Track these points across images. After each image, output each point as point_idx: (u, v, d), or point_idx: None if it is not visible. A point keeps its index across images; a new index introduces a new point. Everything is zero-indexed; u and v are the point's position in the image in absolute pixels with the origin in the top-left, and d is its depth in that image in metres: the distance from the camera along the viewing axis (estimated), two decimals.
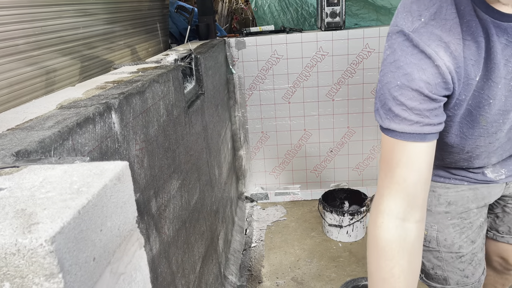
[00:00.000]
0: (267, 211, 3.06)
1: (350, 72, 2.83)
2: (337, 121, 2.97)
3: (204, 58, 1.96)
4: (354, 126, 2.98)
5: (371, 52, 2.77)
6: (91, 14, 1.70)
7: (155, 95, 1.20)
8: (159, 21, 2.51)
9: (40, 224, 0.38)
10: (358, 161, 3.07)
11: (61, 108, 0.87)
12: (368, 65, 2.80)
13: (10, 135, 0.70)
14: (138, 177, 1.03)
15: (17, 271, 0.37)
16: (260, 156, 3.10)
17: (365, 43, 2.75)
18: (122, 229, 0.50)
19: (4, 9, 1.20)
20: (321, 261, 2.42)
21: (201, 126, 1.80)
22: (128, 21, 2.06)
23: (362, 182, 3.11)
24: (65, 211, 0.40)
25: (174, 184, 1.32)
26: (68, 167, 0.51)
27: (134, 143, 1.02)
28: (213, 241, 1.89)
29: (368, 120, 2.94)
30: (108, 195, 0.47)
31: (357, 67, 2.81)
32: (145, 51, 2.29)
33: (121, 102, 0.95)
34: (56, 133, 0.69)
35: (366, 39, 2.74)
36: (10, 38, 1.23)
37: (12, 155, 0.58)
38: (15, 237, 0.37)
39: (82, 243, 0.41)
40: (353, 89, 2.88)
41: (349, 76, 2.84)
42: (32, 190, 0.46)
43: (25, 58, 1.30)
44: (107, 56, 1.85)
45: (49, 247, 0.36)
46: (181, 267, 1.33)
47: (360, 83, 2.85)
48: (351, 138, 3.01)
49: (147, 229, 1.05)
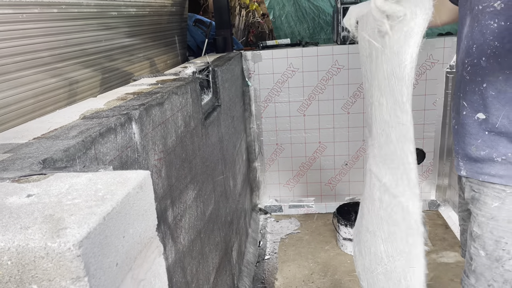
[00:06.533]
0: (281, 223, 3.05)
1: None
2: (352, 134, 2.96)
3: (221, 71, 2.00)
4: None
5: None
6: (113, 28, 1.76)
7: (174, 106, 1.22)
8: (177, 34, 2.57)
9: (68, 229, 0.40)
10: None
11: (84, 118, 0.90)
12: None
13: (36, 143, 0.72)
14: (156, 186, 1.04)
15: (45, 274, 0.39)
16: (274, 168, 3.10)
17: None
18: (143, 236, 0.52)
19: (31, 23, 1.25)
20: (335, 275, 2.39)
21: (217, 138, 1.82)
22: (147, 35, 2.11)
23: None
24: (91, 217, 0.42)
25: (190, 194, 1.34)
26: (92, 175, 0.53)
27: (153, 153, 1.04)
28: (227, 252, 1.90)
29: None
30: (131, 203, 0.49)
31: None
32: (163, 64, 2.34)
33: (141, 113, 0.97)
34: (80, 142, 0.72)
35: None
36: (36, 51, 1.28)
37: (39, 162, 0.61)
38: (44, 241, 0.38)
39: (106, 248, 0.42)
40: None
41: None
42: (59, 197, 0.48)
43: (49, 70, 1.34)
44: (127, 68, 1.90)
45: (77, 251, 0.37)
46: (195, 277, 1.34)
47: None
48: (367, 152, 2.99)
49: (163, 238, 1.07)
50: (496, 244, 1.11)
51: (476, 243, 1.16)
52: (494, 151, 1.08)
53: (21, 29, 1.21)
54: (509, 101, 1.04)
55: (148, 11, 2.06)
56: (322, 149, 3.03)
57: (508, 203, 1.07)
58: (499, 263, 1.12)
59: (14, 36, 1.18)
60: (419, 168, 2.92)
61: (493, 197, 1.10)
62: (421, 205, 0.88)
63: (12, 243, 0.39)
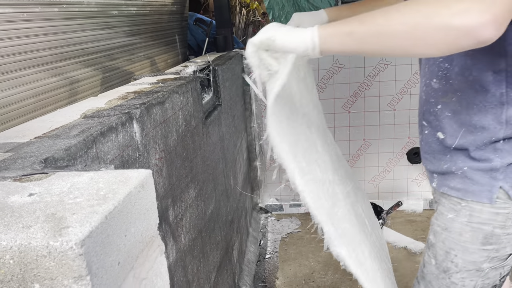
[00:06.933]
0: (282, 222, 3.05)
1: (367, 84, 2.83)
2: (353, 133, 2.96)
3: (221, 70, 2.00)
4: (370, 139, 2.96)
5: (387, 64, 2.76)
6: (113, 27, 1.75)
7: (175, 105, 1.22)
8: (178, 33, 2.56)
9: (70, 228, 0.40)
10: (374, 174, 3.05)
11: (85, 117, 0.90)
12: (385, 78, 2.80)
13: (37, 142, 0.72)
14: (157, 185, 1.05)
15: (47, 273, 0.39)
16: (275, 167, 3.10)
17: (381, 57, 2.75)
18: (145, 235, 0.52)
19: (31, 22, 1.25)
20: (336, 273, 2.39)
21: (218, 137, 1.82)
22: (148, 34, 2.11)
23: (378, 195, 3.08)
24: (93, 216, 0.42)
25: (191, 194, 1.34)
26: (94, 174, 0.53)
27: (154, 152, 1.04)
28: (228, 251, 1.90)
29: (384, 133, 2.93)
30: (132, 202, 0.49)
31: (373, 79, 2.81)
32: (164, 63, 2.34)
33: (142, 112, 0.97)
34: (81, 141, 0.72)
35: None
36: (36, 50, 1.28)
37: (40, 162, 0.61)
38: (46, 240, 0.38)
39: (109, 247, 0.42)
40: (369, 102, 2.87)
41: (366, 88, 2.84)
42: (61, 196, 0.48)
43: (50, 69, 1.34)
44: (127, 67, 1.90)
45: (79, 250, 0.38)
46: (196, 276, 1.34)
47: (377, 95, 2.85)
48: (367, 151, 2.99)
49: (165, 237, 1.07)
50: (446, 255, 1.10)
51: (430, 251, 1.16)
52: (453, 164, 1.06)
53: (22, 28, 1.21)
54: (464, 122, 1.01)
55: (148, 10, 2.06)
56: None
57: (462, 216, 1.06)
58: (446, 275, 1.11)
59: (15, 35, 1.18)
60: (419, 167, 2.93)
61: (449, 208, 1.09)
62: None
63: (14, 242, 0.39)
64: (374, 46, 0.76)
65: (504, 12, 0.64)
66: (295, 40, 0.80)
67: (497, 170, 0.98)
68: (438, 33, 0.66)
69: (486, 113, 0.97)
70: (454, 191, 1.07)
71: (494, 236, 1.02)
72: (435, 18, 0.66)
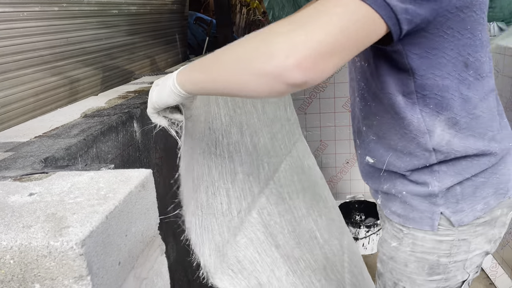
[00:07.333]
0: None
1: None
2: None
3: None
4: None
5: None
6: (113, 26, 1.75)
7: None
8: (178, 32, 2.56)
9: (70, 228, 0.39)
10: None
11: (85, 116, 0.90)
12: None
13: (38, 142, 0.72)
14: (157, 185, 1.04)
15: (47, 273, 0.39)
16: None
17: None
18: (145, 235, 0.52)
19: (31, 21, 1.25)
20: None
21: None
22: (148, 33, 2.11)
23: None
24: (94, 216, 0.42)
25: None
26: (94, 173, 0.53)
27: (154, 152, 1.04)
28: None
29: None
30: (133, 202, 0.48)
31: None
32: (164, 62, 2.33)
33: (142, 112, 0.97)
34: (81, 141, 0.71)
35: None
36: (36, 49, 1.27)
37: (40, 161, 0.61)
38: (47, 240, 0.38)
39: (109, 247, 0.42)
40: None
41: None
42: (61, 195, 0.47)
43: (50, 69, 1.34)
44: (127, 66, 1.89)
45: (79, 250, 0.37)
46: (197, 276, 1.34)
47: None
48: None
49: (165, 237, 1.06)
50: (394, 286, 1.00)
51: (380, 280, 1.06)
52: (392, 186, 0.95)
53: (22, 27, 1.21)
54: (390, 147, 0.90)
55: (149, 9, 2.06)
56: (323, 147, 3.03)
57: (405, 244, 0.95)
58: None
59: (15, 34, 1.18)
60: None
61: (392, 236, 0.98)
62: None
63: (14, 242, 0.38)
64: (217, 91, 0.73)
65: (310, 57, 0.58)
66: (164, 93, 0.75)
67: (436, 196, 0.88)
68: (253, 78, 0.63)
69: (410, 140, 0.86)
70: (396, 217, 0.96)
71: (440, 266, 0.93)
72: (249, 64, 0.63)
